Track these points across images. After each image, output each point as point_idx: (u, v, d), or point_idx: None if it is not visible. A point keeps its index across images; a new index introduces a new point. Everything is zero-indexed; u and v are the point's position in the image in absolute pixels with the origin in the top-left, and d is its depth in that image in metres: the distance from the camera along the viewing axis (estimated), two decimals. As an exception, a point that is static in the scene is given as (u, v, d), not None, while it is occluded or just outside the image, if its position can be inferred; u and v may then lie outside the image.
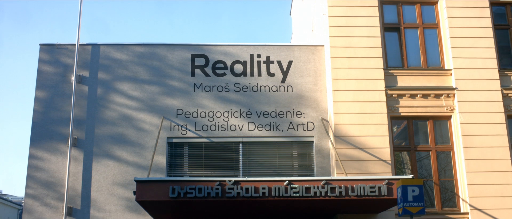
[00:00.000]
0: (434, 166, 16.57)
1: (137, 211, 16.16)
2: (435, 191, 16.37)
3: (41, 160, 16.74)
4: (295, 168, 17.18)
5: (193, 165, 17.01)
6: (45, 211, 16.37)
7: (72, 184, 16.57)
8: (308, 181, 13.26)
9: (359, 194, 13.05)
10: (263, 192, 12.92)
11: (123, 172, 16.66)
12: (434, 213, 16.00)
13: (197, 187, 12.88)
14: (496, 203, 15.85)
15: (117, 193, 16.51)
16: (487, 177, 16.00)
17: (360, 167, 15.82)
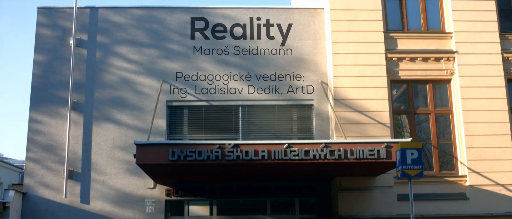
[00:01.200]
0: (433, 129, 16.62)
1: (138, 174, 16.27)
2: (433, 154, 16.46)
3: (41, 123, 16.77)
4: (294, 131, 17.24)
5: (192, 128, 17.06)
6: (46, 174, 16.49)
7: (72, 148, 16.65)
8: (308, 144, 13.30)
9: (358, 157, 13.11)
10: (263, 155, 12.97)
11: (123, 135, 16.71)
12: (433, 176, 16.12)
13: (196, 150, 12.92)
14: (494, 166, 15.95)
15: (117, 156, 16.60)
16: (486, 140, 16.07)
17: (359, 130, 15.87)
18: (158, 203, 16.43)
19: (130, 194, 16.41)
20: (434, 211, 15.63)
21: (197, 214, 16.90)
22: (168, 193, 16.49)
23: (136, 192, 16.43)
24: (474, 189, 15.89)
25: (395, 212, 15.48)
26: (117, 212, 16.30)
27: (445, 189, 15.98)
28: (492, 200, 15.78)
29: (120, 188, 16.44)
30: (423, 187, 15.59)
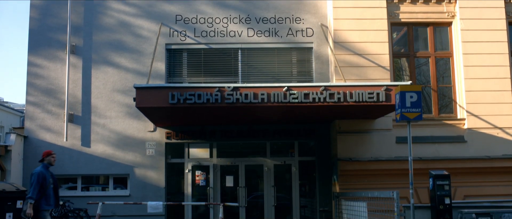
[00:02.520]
0: (432, 72, 16.59)
1: (138, 117, 16.35)
2: (433, 97, 16.49)
3: (40, 67, 16.73)
4: (294, 74, 17.22)
5: (192, 71, 17.03)
6: (47, 117, 16.56)
7: (72, 91, 16.67)
8: (307, 87, 13.30)
9: (358, 100, 13.13)
10: (262, 98, 12.98)
11: (122, 78, 16.70)
12: (431, 119, 16.20)
13: (196, 93, 12.92)
14: (493, 109, 16.00)
15: (117, 99, 16.64)
16: (485, 83, 16.06)
17: (359, 73, 15.84)
18: (158, 146, 16.58)
19: (130, 137, 16.54)
20: (432, 154, 15.78)
21: (197, 156, 17.08)
22: (168, 136, 16.61)
23: (137, 135, 16.56)
24: (472, 132, 15.99)
25: (393, 155, 15.63)
26: (118, 155, 16.47)
27: (443, 132, 16.09)
28: (490, 143, 15.90)
29: (120, 131, 16.55)
30: (421, 130, 15.69)
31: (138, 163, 16.47)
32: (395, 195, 10.64)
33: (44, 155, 9.92)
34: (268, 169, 17.00)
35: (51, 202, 9.54)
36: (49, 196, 9.50)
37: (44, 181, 9.56)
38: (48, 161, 9.84)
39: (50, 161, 9.88)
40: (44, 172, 9.65)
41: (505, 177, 15.82)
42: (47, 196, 9.46)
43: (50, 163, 9.87)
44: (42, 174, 9.62)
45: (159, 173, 16.49)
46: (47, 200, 9.44)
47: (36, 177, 9.54)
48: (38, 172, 9.59)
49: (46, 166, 9.77)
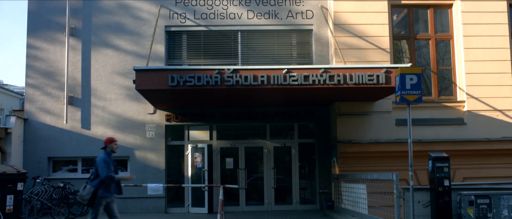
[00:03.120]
0: (433, 55, 16.56)
1: (137, 100, 16.35)
2: (432, 79, 16.47)
3: (40, 49, 16.69)
4: (294, 56, 17.18)
5: (191, 53, 16.99)
6: (47, 100, 16.56)
7: (71, 73, 16.65)
8: (307, 69, 13.28)
9: (357, 82, 13.11)
10: (262, 80, 12.97)
11: (122, 61, 16.67)
12: (431, 101, 16.20)
13: (196, 76, 12.91)
14: (492, 91, 16.01)
15: (117, 81, 16.62)
16: (485, 65, 16.04)
17: (359, 55, 15.81)
18: (158, 128, 16.60)
19: (130, 120, 16.55)
20: (431, 136, 15.81)
21: (197, 138, 17.11)
22: (168, 118, 16.63)
23: (137, 118, 16.57)
24: (472, 114, 16.01)
25: (393, 137, 15.66)
26: (118, 137, 16.43)
27: (443, 114, 16.10)
28: (489, 125, 15.93)
29: (120, 114, 16.56)
30: (421, 112, 15.70)
31: (138, 145, 16.51)
32: (394, 177, 10.68)
33: (106, 141, 9.82)
34: (268, 151, 17.04)
35: (111, 189, 9.49)
36: (110, 184, 9.47)
37: (108, 167, 9.53)
38: (110, 148, 9.76)
39: (113, 148, 9.78)
40: (108, 158, 9.60)
41: (504, 159, 15.87)
42: (107, 184, 9.43)
43: (113, 150, 9.78)
44: (107, 159, 9.58)
45: (159, 155, 16.53)
46: (107, 187, 9.39)
47: (102, 162, 9.45)
48: (103, 158, 9.53)
49: (109, 153, 9.71)
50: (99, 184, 9.36)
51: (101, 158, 9.60)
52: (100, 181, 9.37)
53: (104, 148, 9.80)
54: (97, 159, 9.60)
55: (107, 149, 9.77)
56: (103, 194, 9.37)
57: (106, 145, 9.79)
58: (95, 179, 9.48)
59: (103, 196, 9.36)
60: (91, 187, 9.36)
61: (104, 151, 9.76)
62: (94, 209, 9.40)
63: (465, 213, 9.74)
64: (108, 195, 9.48)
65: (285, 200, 17.19)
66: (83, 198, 9.38)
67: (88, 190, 9.35)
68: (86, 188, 9.46)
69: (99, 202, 9.36)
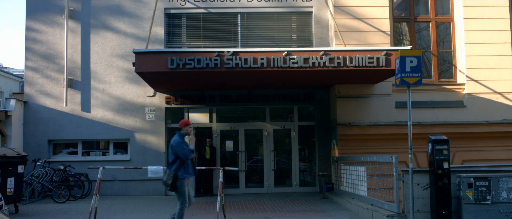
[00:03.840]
0: (433, 37, 16.51)
1: (137, 82, 16.34)
2: (433, 62, 16.45)
3: (39, 32, 16.64)
4: (293, 38, 17.14)
5: (191, 36, 16.95)
6: (46, 83, 16.55)
7: (71, 56, 16.61)
8: (307, 52, 13.24)
9: (357, 65, 13.08)
10: (262, 63, 12.94)
11: (121, 43, 16.63)
12: (431, 84, 16.18)
13: (195, 58, 12.87)
14: (492, 74, 15.99)
15: (117, 64, 16.60)
16: (486, 48, 16.00)
17: (359, 38, 15.76)
18: (158, 111, 16.61)
19: (130, 102, 16.55)
20: (431, 119, 15.83)
21: (197, 121, 17.12)
22: (168, 100, 16.63)
23: (136, 100, 16.57)
24: (472, 97, 16.01)
25: (392, 119, 15.67)
26: (118, 120, 16.51)
27: (443, 97, 16.10)
28: (489, 108, 15.94)
29: (120, 96, 16.56)
30: (421, 94, 15.70)
31: (138, 128, 16.53)
32: (394, 160, 10.70)
33: (182, 124, 9.77)
34: (267, 133, 17.06)
35: (190, 171, 9.48)
36: (188, 165, 9.47)
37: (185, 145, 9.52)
38: (185, 131, 9.74)
39: (187, 130, 9.74)
40: (182, 140, 9.58)
41: (503, 142, 15.90)
42: (186, 165, 9.42)
43: (187, 133, 9.75)
44: (183, 141, 9.55)
45: (159, 137, 16.56)
46: (186, 169, 9.40)
47: (179, 143, 9.42)
48: (179, 140, 9.51)
49: (182, 135, 9.69)
50: (179, 167, 9.37)
51: (177, 140, 9.54)
52: (179, 164, 9.37)
53: (179, 130, 9.76)
54: (173, 142, 9.53)
55: (182, 131, 9.73)
56: (183, 175, 9.39)
57: (181, 128, 9.75)
58: (174, 162, 9.47)
59: (183, 177, 9.39)
60: (171, 171, 9.36)
61: (178, 133, 9.72)
62: (179, 192, 9.42)
63: (464, 195, 9.77)
64: (187, 176, 9.51)
65: (285, 183, 17.26)
66: (166, 183, 9.39)
67: (169, 175, 9.36)
68: (166, 173, 9.50)
69: (181, 183, 9.38)
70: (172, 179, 9.29)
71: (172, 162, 9.48)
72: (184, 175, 9.42)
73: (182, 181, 9.39)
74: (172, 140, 9.68)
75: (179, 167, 9.37)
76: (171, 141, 9.69)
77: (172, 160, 9.50)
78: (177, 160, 9.42)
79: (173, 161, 9.48)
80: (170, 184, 9.29)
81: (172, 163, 9.48)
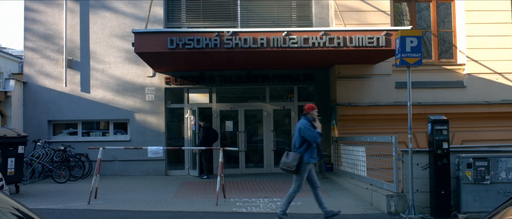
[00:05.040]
0: (433, 17, 16.44)
1: (137, 63, 16.31)
2: (433, 42, 16.40)
3: (38, 12, 16.56)
4: (293, 18, 17.07)
5: (191, 16, 16.87)
6: (46, 63, 16.52)
7: (70, 36, 16.56)
8: (307, 32, 13.21)
9: (357, 45, 13.05)
10: (262, 43, 12.91)
11: (120, 23, 16.56)
12: (431, 64, 16.16)
13: (195, 38, 12.84)
14: (492, 54, 15.95)
15: (116, 44, 16.55)
16: (486, 28, 15.95)
17: (359, 18, 15.69)
18: (158, 91, 16.61)
19: (130, 82, 16.54)
20: (431, 99, 15.83)
21: (196, 101, 17.12)
22: (168, 81, 16.61)
23: (136, 80, 16.56)
24: (472, 77, 15.99)
25: (392, 100, 15.68)
26: (118, 100, 16.50)
27: (442, 77, 16.09)
28: (489, 88, 15.93)
29: (119, 77, 16.54)
30: (421, 75, 15.67)
31: (138, 108, 16.54)
32: (393, 140, 10.71)
33: (308, 108, 9.73)
34: (267, 114, 17.08)
35: (315, 155, 9.48)
36: (314, 150, 9.46)
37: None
38: (311, 115, 9.73)
39: (313, 115, 9.74)
40: (309, 124, 9.56)
41: (503, 122, 15.91)
42: (312, 149, 9.42)
43: (313, 117, 9.74)
44: (310, 124, 9.54)
45: (159, 118, 16.58)
46: (312, 153, 9.39)
47: (307, 126, 9.41)
48: (306, 123, 9.49)
49: (309, 120, 9.67)
50: (305, 150, 9.37)
51: (304, 124, 9.52)
52: (306, 147, 9.36)
53: (304, 114, 9.75)
54: (301, 126, 9.50)
55: (308, 115, 9.72)
56: (309, 159, 9.38)
57: (307, 111, 9.73)
58: (301, 146, 9.44)
59: (308, 161, 9.39)
60: (297, 154, 9.35)
61: (305, 117, 9.70)
62: (299, 175, 9.40)
63: (463, 176, 9.80)
64: (313, 160, 9.51)
65: (285, 163, 17.28)
66: (289, 165, 9.35)
67: (294, 157, 9.33)
68: (289, 155, 9.47)
69: (305, 168, 9.38)
70: (298, 161, 9.28)
71: (299, 146, 9.44)
72: (310, 159, 9.41)
73: (306, 166, 9.38)
74: (299, 123, 9.63)
75: (305, 150, 9.36)
76: (297, 125, 9.66)
77: (299, 143, 9.45)
78: (305, 143, 9.39)
79: (301, 145, 9.44)
80: (296, 166, 9.26)
81: (299, 146, 9.44)
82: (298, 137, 9.53)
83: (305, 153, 9.35)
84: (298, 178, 9.45)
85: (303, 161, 9.32)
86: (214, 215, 10.09)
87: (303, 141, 9.42)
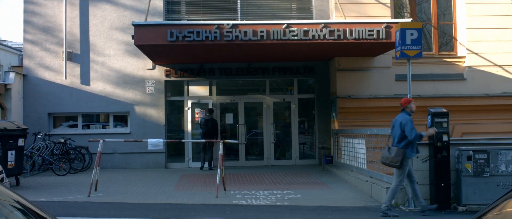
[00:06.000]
0: (433, 10, 16.41)
1: (137, 55, 16.28)
2: (433, 35, 16.38)
3: (37, 4, 16.52)
4: (293, 11, 17.04)
5: (190, 8, 16.84)
6: (46, 56, 16.50)
7: (70, 29, 16.52)
8: (307, 24, 13.19)
9: (357, 37, 13.04)
10: (262, 35, 12.89)
11: (120, 16, 16.52)
12: (431, 57, 16.14)
13: (195, 31, 12.82)
14: (493, 47, 15.93)
15: (116, 37, 16.52)
16: (487, 21, 15.91)
17: (359, 10, 15.65)
18: (158, 84, 16.59)
19: (130, 75, 16.52)
20: (431, 91, 15.82)
21: (196, 94, 17.12)
22: (168, 73, 16.60)
23: (136, 73, 16.54)
24: (472, 69, 15.98)
25: (392, 92, 15.67)
26: (118, 93, 16.49)
27: (443, 70, 16.07)
28: (489, 81, 15.92)
29: (119, 69, 16.52)
30: (421, 67, 15.66)
31: (138, 100, 16.53)
32: (393, 132, 10.71)
33: (405, 102, 9.70)
34: (267, 106, 17.08)
35: (415, 150, 9.49)
36: (414, 144, 9.46)
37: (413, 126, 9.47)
38: (410, 108, 9.72)
39: (412, 108, 9.73)
40: (411, 120, 9.54)
41: (503, 115, 15.91)
42: (413, 144, 9.43)
43: (412, 110, 9.73)
44: (411, 120, 9.52)
45: (159, 110, 16.57)
46: (412, 148, 9.42)
47: (409, 122, 9.37)
48: (409, 119, 9.47)
49: (410, 114, 9.67)
50: (407, 145, 9.36)
51: (406, 118, 9.49)
52: (408, 142, 9.36)
53: (403, 109, 9.73)
54: (402, 120, 9.46)
55: (406, 109, 9.70)
56: (410, 154, 9.41)
57: (405, 106, 9.71)
58: (402, 140, 9.43)
59: (410, 156, 9.41)
60: (400, 149, 9.35)
61: (404, 111, 9.69)
62: (401, 170, 9.41)
63: (463, 168, 9.81)
64: (413, 155, 9.53)
65: (285, 155, 17.33)
66: (393, 160, 9.36)
67: (397, 152, 9.34)
68: (391, 150, 9.47)
69: (406, 162, 9.39)
70: (402, 156, 9.27)
71: (400, 140, 9.44)
72: (411, 153, 9.42)
73: (407, 160, 9.39)
74: (399, 117, 9.62)
75: (407, 145, 9.36)
76: (397, 119, 9.65)
77: (399, 138, 9.46)
78: (406, 138, 9.40)
79: (400, 139, 9.44)
80: (400, 161, 9.25)
81: (399, 141, 9.45)
82: (398, 131, 9.51)
83: (407, 148, 9.35)
84: (400, 172, 9.46)
85: (406, 155, 9.33)
86: (214, 208, 10.11)
87: (404, 135, 9.42)
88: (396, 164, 9.35)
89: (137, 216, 9.31)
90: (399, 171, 9.45)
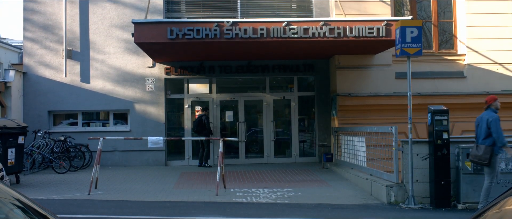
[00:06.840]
0: (434, 8, 16.40)
1: (137, 53, 16.28)
2: (433, 32, 16.37)
3: (37, 2, 16.51)
4: (293, 9, 17.02)
5: (190, 6, 16.83)
6: (45, 53, 16.49)
7: (70, 27, 16.52)
8: (307, 22, 13.18)
9: (357, 35, 13.03)
10: (262, 33, 12.89)
11: (120, 14, 16.51)
12: (431, 55, 16.13)
13: (195, 29, 12.82)
14: (493, 45, 15.91)
15: (116, 35, 16.52)
16: (487, 18, 15.90)
17: (359, 8, 15.65)
18: (158, 82, 16.59)
19: (130, 73, 16.52)
20: (431, 89, 15.82)
21: (196, 91, 17.12)
22: (168, 71, 16.60)
23: (136, 71, 16.54)
24: (472, 67, 15.97)
25: (392, 90, 15.67)
26: (118, 91, 16.49)
27: (443, 68, 16.07)
28: (489, 79, 15.91)
29: (119, 67, 16.52)
30: (421, 65, 15.66)
31: (138, 98, 16.53)
32: (393, 130, 10.72)
33: (490, 100, 9.65)
34: (267, 104, 17.07)
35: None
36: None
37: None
38: (495, 106, 9.70)
39: (497, 105, 9.72)
40: (499, 119, 9.51)
41: (503, 113, 15.70)
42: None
43: (497, 108, 9.71)
44: (499, 120, 9.50)
45: (159, 108, 16.57)
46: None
47: (497, 122, 9.35)
48: (495, 118, 9.44)
49: (495, 111, 9.65)
50: (493, 142, 9.33)
51: (493, 116, 9.46)
52: (493, 139, 9.34)
53: (487, 106, 9.70)
54: (489, 117, 9.45)
55: (491, 107, 9.68)
56: (498, 151, 9.38)
57: (491, 103, 9.69)
58: (488, 137, 9.39)
59: (497, 153, 9.39)
60: (488, 147, 9.31)
61: (490, 109, 9.66)
62: (491, 167, 9.38)
63: (463, 166, 9.81)
64: (500, 152, 9.50)
65: (285, 153, 17.33)
66: (481, 158, 9.33)
67: (485, 150, 9.31)
68: (479, 148, 9.43)
69: (495, 160, 9.37)
70: (490, 154, 9.25)
71: (486, 137, 9.41)
72: (498, 151, 9.40)
73: (496, 157, 9.36)
74: (485, 115, 9.59)
75: (493, 142, 9.33)
76: (483, 116, 9.62)
77: (485, 135, 9.41)
78: (491, 135, 9.36)
79: (487, 136, 9.40)
80: (488, 158, 9.23)
81: (485, 137, 9.41)
82: (484, 129, 9.46)
83: (494, 145, 9.33)
84: (490, 170, 9.42)
85: (494, 153, 9.31)
86: (214, 205, 10.11)
87: (490, 132, 9.39)
88: (485, 162, 9.32)
89: (137, 214, 9.31)
90: (489, 169, 9.41)
